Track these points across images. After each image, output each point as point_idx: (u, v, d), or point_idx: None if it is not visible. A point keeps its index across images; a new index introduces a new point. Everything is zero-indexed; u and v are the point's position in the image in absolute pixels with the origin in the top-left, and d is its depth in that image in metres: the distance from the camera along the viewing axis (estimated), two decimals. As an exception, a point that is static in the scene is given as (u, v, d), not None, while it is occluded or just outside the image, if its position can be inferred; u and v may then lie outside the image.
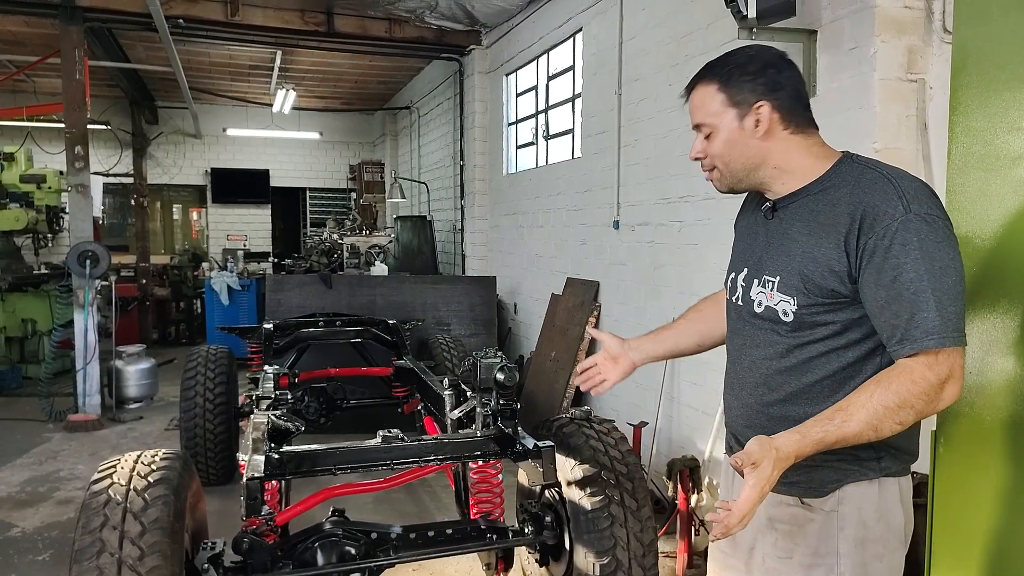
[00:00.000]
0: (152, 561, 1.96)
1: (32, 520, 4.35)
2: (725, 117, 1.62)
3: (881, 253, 1.44)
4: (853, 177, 1.55)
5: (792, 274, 1.58)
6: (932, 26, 3.00)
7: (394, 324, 5.48)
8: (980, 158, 1.94)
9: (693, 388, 4.34)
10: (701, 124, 1.66)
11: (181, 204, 13.67)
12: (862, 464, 1.58)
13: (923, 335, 1.40)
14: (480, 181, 8.14)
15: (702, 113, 1.65)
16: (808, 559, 1.61)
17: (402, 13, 7.10)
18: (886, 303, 1.45)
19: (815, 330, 1.57)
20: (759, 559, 1.70)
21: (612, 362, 2.03)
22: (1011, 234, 1.87)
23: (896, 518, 1.62)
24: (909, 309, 1.42)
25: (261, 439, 2.65)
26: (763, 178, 1.65)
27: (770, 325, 1.64)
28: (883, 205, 1.46)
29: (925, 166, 3.01)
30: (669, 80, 4.53)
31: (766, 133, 1.60)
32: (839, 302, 1.54)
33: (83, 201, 6.70)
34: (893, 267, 1.43)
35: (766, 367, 1.65)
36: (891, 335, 1.46)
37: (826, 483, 1.60)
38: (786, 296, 1.59)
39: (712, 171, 1.69)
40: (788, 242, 1.62)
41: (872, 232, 1.46)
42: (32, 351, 8.15)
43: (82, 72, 6.58)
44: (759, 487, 1.38)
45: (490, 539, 2.68)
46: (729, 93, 1.61)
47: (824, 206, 1.56)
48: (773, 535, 1.67)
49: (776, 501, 1.65)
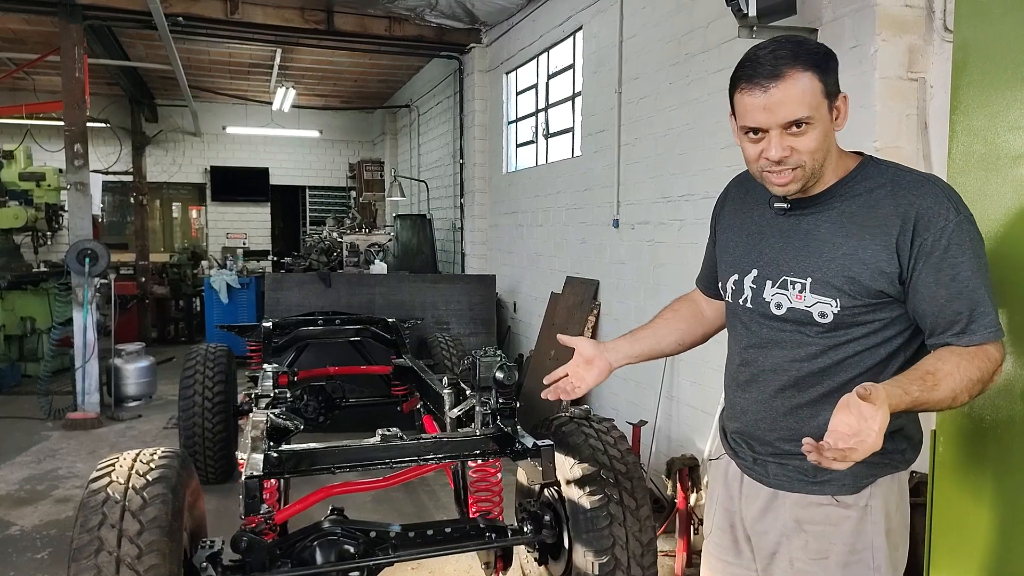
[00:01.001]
0: (150, 560, 1.96)
1: (31, 518, 4.34)
2: (822, 109, 1.49)
3: (939, 254, 1.48)
4: (888, 179, 1.55)
5: (832, 275, 1.55)
6: (933, 25, 3.00)
7: (393, 323, 5.48)
8: (981, 157, 1.93)
9: (693, 387, 4.34)
10: (801, 119, 1.47)
11: (180, 202, 13.65)
12: (890, 456, 1.59)
13: (983, 328, 1.47)
14: (480, 180, 8.13)
15: (802, 106, 1.46)
16: (845, 557, 1.60)
17: (402, 11, 7.09)
18: (946, 301, 1.48)
19: (852, 330, 1.56)
20: (786, 563, 1.66)
21: (586, 366, 1.92)
22: (1012, 234, 1.87)
23: (906, 507, 1.66)
24: (969, 306, 1.47)
25: (260, 438, 2.65)
26: (820, 176, 1.56)
27: (796, 327, 1.61)
28: (936, 207, 1.49)
29: (925, 165, 3.01)
30: (669, 78, 4.52)
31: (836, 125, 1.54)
32: (883, 302, 1.54)
33: (82, 199, 6.69)
34: (951, 267, 1.47)
35: (795, 369, 1.62)
36: (946, 329, 1.49)
37: (860, 478, 1.58)
38: (825, 298, 1.56)
39: (796, 170, 1.52)
40: (817, 243, 1.58)
41: (928, 233, 1.48)
42: (31, 349, 8.14)
43: (82, 70, 6.57)
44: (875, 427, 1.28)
45: (489, 538, 2.68)
46: (826, 82, 1.48)
47: (859, 207, 1.55)
48: (803, 538, 1.63)
49: (805, 502, 1.63)
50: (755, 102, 1.49)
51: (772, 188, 1.58)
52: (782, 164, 1.51)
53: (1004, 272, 1.84)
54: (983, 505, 1.93)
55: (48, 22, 7.30)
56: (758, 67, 1.48)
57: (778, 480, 1.67)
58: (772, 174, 1.54)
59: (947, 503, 2.03)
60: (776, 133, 1.49)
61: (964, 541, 1.98)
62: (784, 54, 1.47)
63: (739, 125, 1.55)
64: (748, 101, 1.50)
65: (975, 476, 1.95)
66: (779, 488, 1.67)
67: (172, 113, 12.28)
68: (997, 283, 1.87)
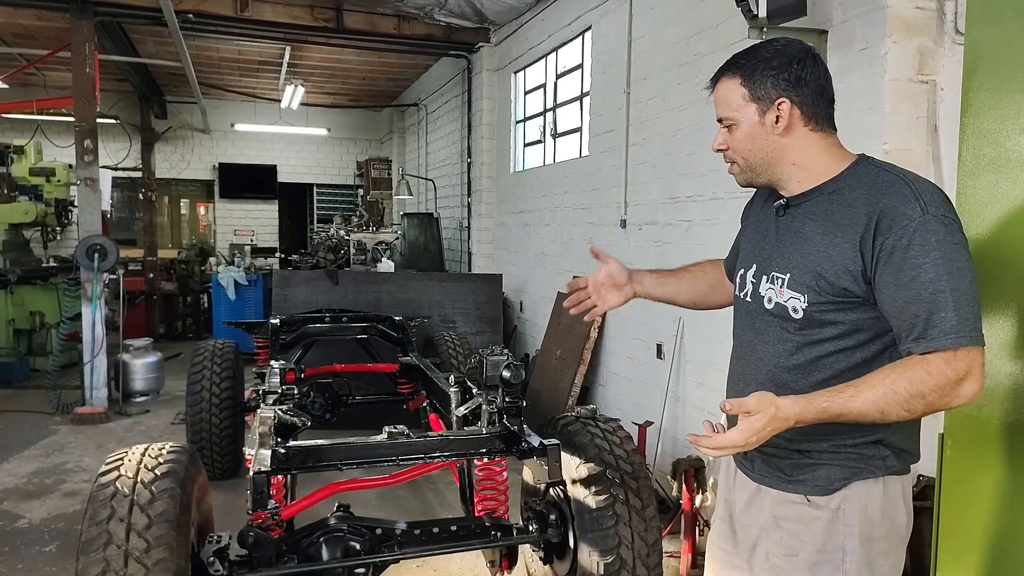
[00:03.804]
0: (158, 553, 1.97)
1: (39, 512, 4.37)
2: (747, 112, 1.63)
3: (900, 253, 1.45)
4: (869, 179, 1.56)
5: (804, 272, 1.58)
6: (944, 27, 2.99)
7: (400, 321, 5.49)
8: (991, 160, 1.93)
9: (698, 388, 4.34)
10: (723, 118, 1.67)
11: (189, 199, 13.71)
12: (868, 462, 1.59)
13: (940, 335, 1.41)
14: (487, 179, 8.14)
15: (724, 107, 1.66)
16: (813, 556, 1.62)
17: (411, 10, 7.10)
18: (905, 303, 1.45)
19: (823, 329, 1.57)
20: (763, 556, 1.70)
21: (615, 289, 2.03)
22: (1021, 237, 1.87)
23: (900, 516, 1.63)
24: (928, 309, 1.42)
25: (267, 434, 2.66)
26: (780, 174, 1.66)
27: (779, 322, 1.64)
28: (901, 206, 1.47)
29: (935, 168, 3.00)
30: (678, 79, 4.52)
31: (786, 129, 1.61)
32: (850, 302, 1.54)
33: (92, 195, 6.73)
34: (912, 267, 1.44)
35: (774, 364, 1.66)
36: (908, 333, 1.46)
37: (832, 481, 1.60)
38: (796, 293, 1.59)
39: (732, 164, 1.71)
40: (800, 240, 1.62)
41: (890, 233, 1.46)
42: (40, 344, 8.19)
43: (92, 66, 6.60)
44: (745, 435, 1.43)
45: (494, 536, 2.68)
46: (752, 88, 1.61)
47: (839, 206, 1.57)
48: (778, 533, 1.67)
49: (782, 499, 1.66)
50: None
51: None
52: (724, 156, 1.72)
53: (1012, 276, 1.83)
54: (990, 508, 1.92)
55: (59, 18, 7.34)
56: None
57: (761, 475, 1.72)
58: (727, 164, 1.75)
59: (954, 506, 2.02)
60: (720, 128, 1.71)
61: (971, 544, 1.98)
62: (727, 62, 1.67)
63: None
64: None
65: (983, 479, 1.95)
66: (761, 483, 1.71)
67: (181, 110, 12.32)
68: (1004, 287, 1.87)
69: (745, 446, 1.44)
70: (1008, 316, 1.86)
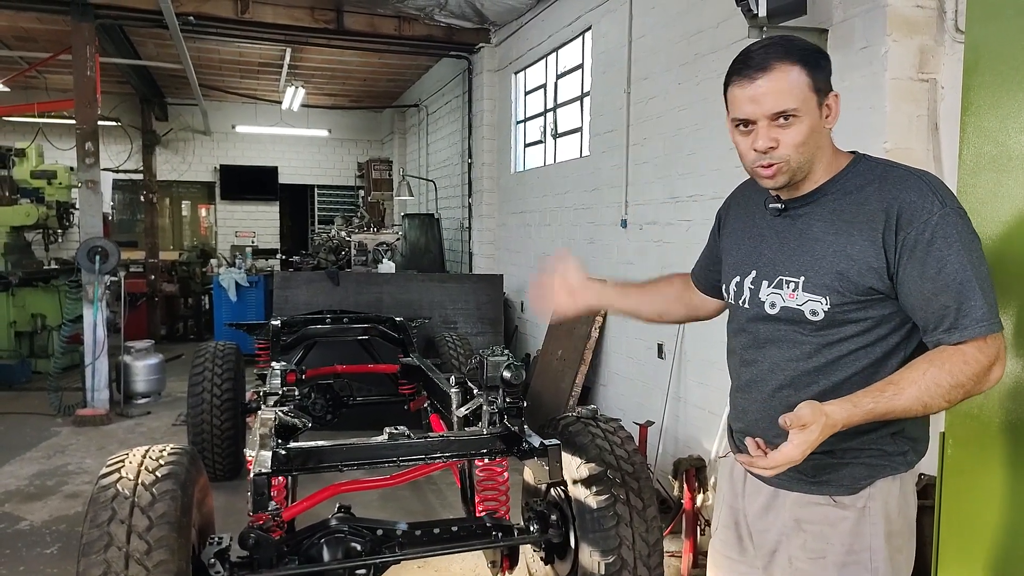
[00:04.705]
0: (159, 555, 1.97)
1: (40, 513, 4.37)
2: (811, 103, 1.51)
3: (923, 247, 1.46)
4: (876, 175, 1.55)
5: (823, 273, 1.56)
6: (944, 26, 2.98)
7: (401, 322, 5.49)
8: (992, 159, 1.92)
9: (700, 388, 4.33)
10: (784, 110, 1.50)
11: (190, 200, 13.72)
12: (891, 459, 1.59)
13: (973, 323, 1.43)
14: (488, 179, 8.14)
15: (788, 98, 1.49)
16: (842, 557, 1.60)
17: (411, 11, 7.10)
18: (932, 294, 1.46)
19: (844, 328, 1.56)
20: (784, 561, 1.67)
21: (567, 294, 1.99)
22: (1022, 235, 1.86)
23: (911, 510, 1.64)
24: (957, 299, 1.44)
25: (268, 435, 2.66)
26: (809, 173, 1.58)
27: (790, 326, 1.62)
28: (919, 201, 1.48)
29: (936, 167, 2.99)
30: (678, 79, 4.52)
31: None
32: (873, 299, 1.54)
33: (93, 197, 6.73)
34: (937, 260, 1.45)
35: (792, 368, 1.62)
36: (937, 324, 1.47)
37: (858, 479, 1.59)
38: (815, 296, 1.57)
39: (773, 166, 1.54)
40: (809, 242, 1.59)
41: (911, 227, 1.47)
42: (41, 346, 8.20)
43: (93, 68, 6.61)
44: (802, 447, 1.39)
45: (495, 537, 2.68)
46: (814, 77, 1.51)
47: (849, 204, 1.55)
48: (802, 537, 1.64)
49: (804, 502, 1.64)
50: (744, 93, 1.53)
51: (762, 182, 1.61)
52: (769, 156, 1.53)
53: (1013, 274, 1.83)
54: (992, 507, 1.92)
55: (60, 21, 7.35)
56: (748, 61, 1.53)
57: (778, 479, 1.67)
58: (761, 167, 1.56)
59: (956, 505, 2.02)
60: (764, 124, 1.52)
61: (972, 543, 1.98)
62: (774, 49, 1.52)
63: (730, 118, 1.59)
64: (738, 93, 1.54)
65: (984, 478, 1.95)
66: (779, 487, 1.68)
67: (182, 112, 12.33)
68: (1007, 283, 1.86)
69: (802, 459, 1.41)
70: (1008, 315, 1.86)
